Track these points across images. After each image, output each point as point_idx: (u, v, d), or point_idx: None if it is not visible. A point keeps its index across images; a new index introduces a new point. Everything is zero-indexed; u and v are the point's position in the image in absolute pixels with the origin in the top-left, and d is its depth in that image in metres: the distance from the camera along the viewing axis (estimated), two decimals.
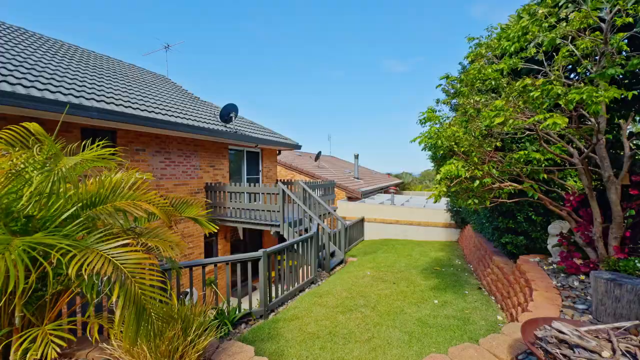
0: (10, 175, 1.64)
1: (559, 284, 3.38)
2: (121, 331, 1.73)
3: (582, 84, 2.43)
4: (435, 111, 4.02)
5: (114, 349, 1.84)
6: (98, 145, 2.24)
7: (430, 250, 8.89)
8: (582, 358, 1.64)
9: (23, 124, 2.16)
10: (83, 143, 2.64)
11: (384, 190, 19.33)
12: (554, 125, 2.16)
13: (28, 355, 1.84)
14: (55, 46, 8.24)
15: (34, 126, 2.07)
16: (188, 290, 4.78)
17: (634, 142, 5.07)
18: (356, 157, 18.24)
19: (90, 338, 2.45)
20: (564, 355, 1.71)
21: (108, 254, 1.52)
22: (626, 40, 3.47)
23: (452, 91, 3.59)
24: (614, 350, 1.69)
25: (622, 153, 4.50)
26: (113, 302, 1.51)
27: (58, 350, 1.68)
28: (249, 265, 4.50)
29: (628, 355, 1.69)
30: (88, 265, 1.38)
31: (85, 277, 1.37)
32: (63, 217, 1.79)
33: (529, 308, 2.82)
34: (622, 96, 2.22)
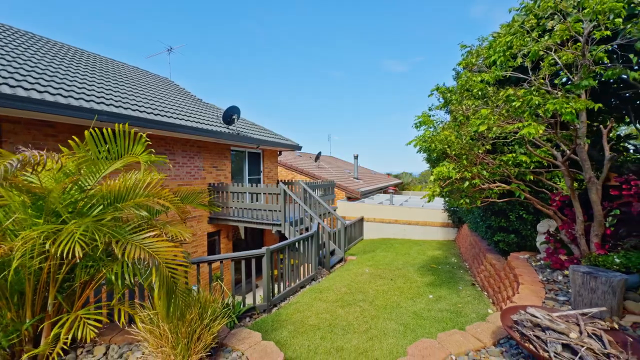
0: (70, 181, 1.87)
1: (545, 279, 3.61)
2: (148, 315, 1.96)
3: (560, 94, 2.65)
4: (430, 116, 4.24)
5: (139, 332, 2.06)
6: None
7: (428, 249, 9.11)
8: (552, 338, 1.86)
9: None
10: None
11: (384, 190, 19.55)
12: (529, 135, 2.39)
13: (61, 337, 2.07)
14: (63, 50, 8.45)
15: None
16: (194, 287, 5.00)
17: (623, 144, 5.31)
18: (356, 157, 18.47)
19: (111, 324, 2.68)
20: (537, 337, 1.94)
21: (141, 243, 1.76)
22: (614, 49, 3.71)
23: (443, 100, 3.81)
24: (580, 332, 1.92)
25: (617, 156, 4.74)
26: (151, 283, 1.73)
27: (96, 331, 1.91)
28: (253, 262, 4.72)
29: (594, 336, 1.92)
30: (129, 252, 1.62)
31: (129, 262, 1.60)
32: (95, 212, 2.02)
33: (513, 299, 3.04)
34: (589, 107, 2.44)
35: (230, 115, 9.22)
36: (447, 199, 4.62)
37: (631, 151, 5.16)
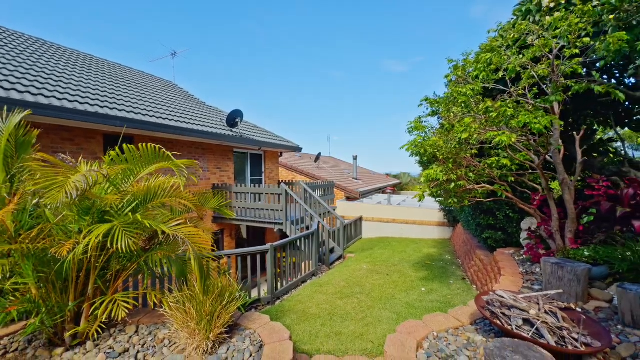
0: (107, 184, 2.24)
1: (524, 271, 3.97)
2: (174, 300, 2.33)
3: (531, 106, 3.01)
4: (422, 121, 4.61)
5: (168, 311, 2.42)
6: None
7: (424, 247, 9.47)
8: (515, 314, 2.23)
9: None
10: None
11: (382, 190, 19.93)
12: (501, 142, 2.76)
13: (100, 316, 2.43)
14: (73, 57, 8.81)
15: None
16: None
17: (610, 147, 5.67)
18: (355, 158, 18.85)
19: (138, 308, 3.04)
20: (503, 314, 2.31)
21: (174, 229, 2.14)
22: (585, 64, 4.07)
23: (432, 109, 4.18)
24: (539, 310, 2.28)
25: (595, 157, 5.11)
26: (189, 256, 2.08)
27: (127, 311, 2.28)
28: (258, 258, 5.08)
29: (550, 313, 2.28)
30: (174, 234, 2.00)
31: (172, 237, 1.99)
32: (128, 209, 2.38)
33: (493, 289, 3.40)
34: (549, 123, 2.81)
35: (234, 118, 9.58)
36: (438, 198, 4.97)
37: (617, 154, 5.50)
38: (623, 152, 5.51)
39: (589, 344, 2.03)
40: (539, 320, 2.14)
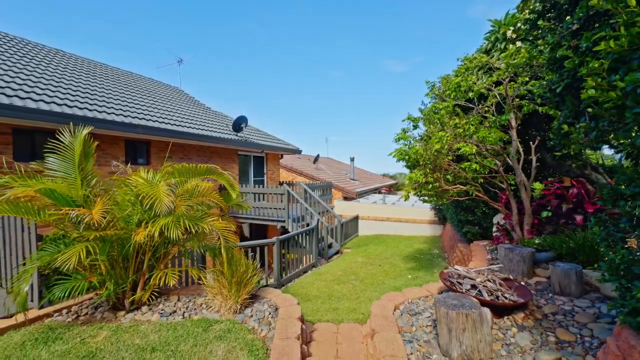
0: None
1: (490, 257, 4.76)
2: (210, 272, 3.11)
3: (490, 123, 3.80)
4: (407, 131, 5.39)
5: (206, 282, 3.18)
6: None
7: (415, 243, 10.26)
8: (465, 281, 3.01)
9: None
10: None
11: (378, 190, 20.72)
12: (464, 152, 3.54)
13: (152, 286, 3.19)
14: (91, 67, 9.52)
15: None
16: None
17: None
18: (352, 159, 19.64)
19: (178, 284, 3.80)
20: (459, 282, 3.09)
21: (210, 224, 2.93)
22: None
23: (413, 125, 5.00)
24: (484, 279, 3.07)
25: (570, 162, 5.92)
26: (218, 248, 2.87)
27: (175, 280, 3.06)
28: (266, 249, 5.84)
29: (491, 281, 3.07)
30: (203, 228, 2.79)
31: (207, 231, 2.76)
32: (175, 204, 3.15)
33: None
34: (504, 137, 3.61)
35: (239, 123, 10.33)
36: (422, 197, 5.75)
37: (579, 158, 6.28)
38: (588, 158, 6.32)
39: (515, 300, 2.81)
40: (481, 284, 2.92)
